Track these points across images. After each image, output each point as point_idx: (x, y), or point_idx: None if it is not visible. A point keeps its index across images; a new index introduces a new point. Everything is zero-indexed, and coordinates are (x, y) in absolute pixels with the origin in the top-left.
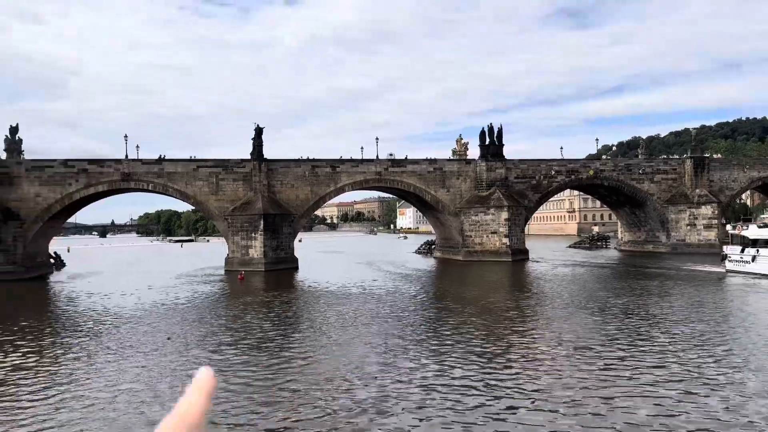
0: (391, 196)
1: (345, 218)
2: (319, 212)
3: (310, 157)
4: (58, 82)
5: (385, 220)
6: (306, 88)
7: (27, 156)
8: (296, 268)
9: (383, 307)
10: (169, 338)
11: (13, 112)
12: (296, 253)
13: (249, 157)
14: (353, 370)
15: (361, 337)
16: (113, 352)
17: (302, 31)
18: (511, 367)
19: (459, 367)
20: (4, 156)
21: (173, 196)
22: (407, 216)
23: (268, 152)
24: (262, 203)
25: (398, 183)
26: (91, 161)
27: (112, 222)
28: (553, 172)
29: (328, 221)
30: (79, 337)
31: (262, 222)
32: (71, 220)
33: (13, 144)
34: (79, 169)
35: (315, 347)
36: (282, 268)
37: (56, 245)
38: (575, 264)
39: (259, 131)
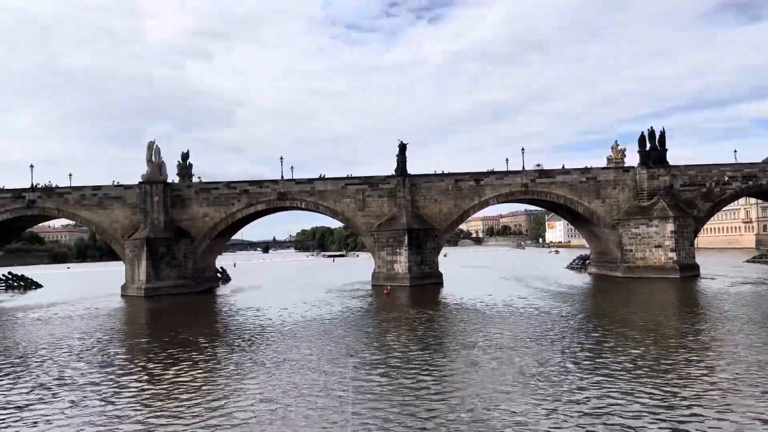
0: (538, 208)
1: (490, 232)
2: (463, 226)
3: (453, 171)
4: (227, 113)
5: (533, 234)
6: (450, 103)
7: (201, 179)
8: (441, 284)
9: (534, 328)
10: (351, 355)
11: (188, 140)
12: (440, 268)
13: (393, 173)
14: (500, 399)
15: (508, 361)
16: (265, 369)
17: (446, 48)
18: (688, 407)
19: (623, 403)
20: (176, 180)
21: (324, 213)
22: (557, 229)
23: (412, 168)
24: (405, 218)
25: (546, 195)
26: (251, 182)
27: (274, 238)
28: (726, 178)
29: (473, 235)
30: (234, 351)
31: (406, 237)
32: (238, 236)
33: (184, 169)
34: (240, 190)
35: (458, 371)
36: (427, 283)
37: (224, 260)
38: (758, 282)
39: (402, 148)
